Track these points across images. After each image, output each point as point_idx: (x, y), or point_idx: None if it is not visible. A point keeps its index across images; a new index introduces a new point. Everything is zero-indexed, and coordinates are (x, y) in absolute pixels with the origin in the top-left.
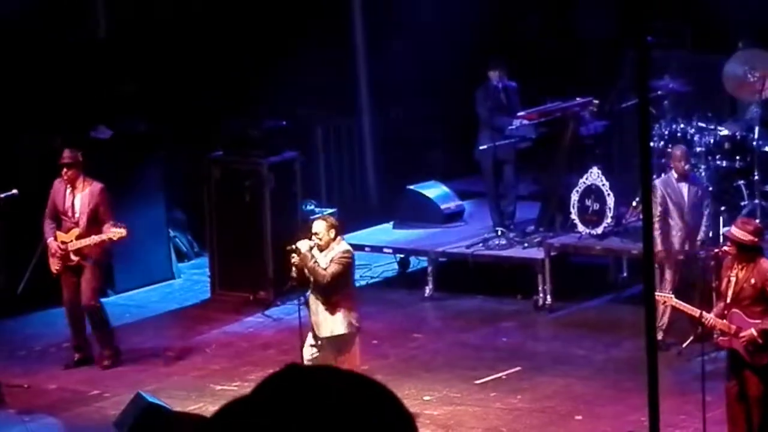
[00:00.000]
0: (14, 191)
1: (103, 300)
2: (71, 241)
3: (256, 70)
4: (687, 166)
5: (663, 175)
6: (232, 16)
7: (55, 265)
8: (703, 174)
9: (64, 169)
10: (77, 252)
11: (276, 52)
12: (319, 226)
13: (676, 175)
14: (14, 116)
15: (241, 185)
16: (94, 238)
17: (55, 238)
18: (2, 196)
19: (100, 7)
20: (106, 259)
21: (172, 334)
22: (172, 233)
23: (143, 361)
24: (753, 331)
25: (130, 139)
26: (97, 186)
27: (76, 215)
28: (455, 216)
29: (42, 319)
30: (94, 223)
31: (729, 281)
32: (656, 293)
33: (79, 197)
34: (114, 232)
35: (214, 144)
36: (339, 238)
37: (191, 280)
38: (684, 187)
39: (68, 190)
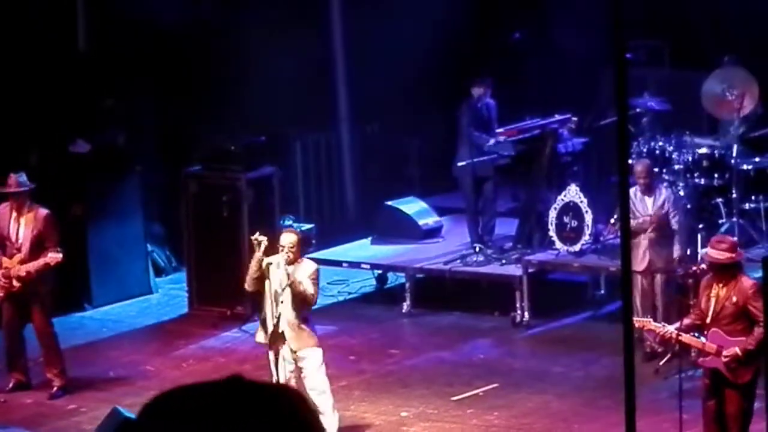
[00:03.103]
0: None
1: (79, 314)
2: (14, 266)
3: (233, 84)
4: (649, 180)
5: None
6: (210, 30)
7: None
8: (681, 192)
9: (13, 197)
10: (19, 278)
11: (254, 67)
12: (290, 239)
13: (640, 189)
14: None
15: (218, 200)
16: (33, 264)
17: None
18: None
19: (80, 21)
20: (49, 286)
21: (150, 348)
22: (149, 248)
23: (120, 376)
24: (737, 350)
25: (108, 153)
26: (42, 212)
27: (20, 241)
28: (433, 232)
29: None
30: (39, 249)
31: (709, 300)
32: (634, 318)
33: (24, 223)
34: (50, 257)
35: (192, 158)
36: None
37: (169, 294)
38: (648, 201)
39: (13, 216)
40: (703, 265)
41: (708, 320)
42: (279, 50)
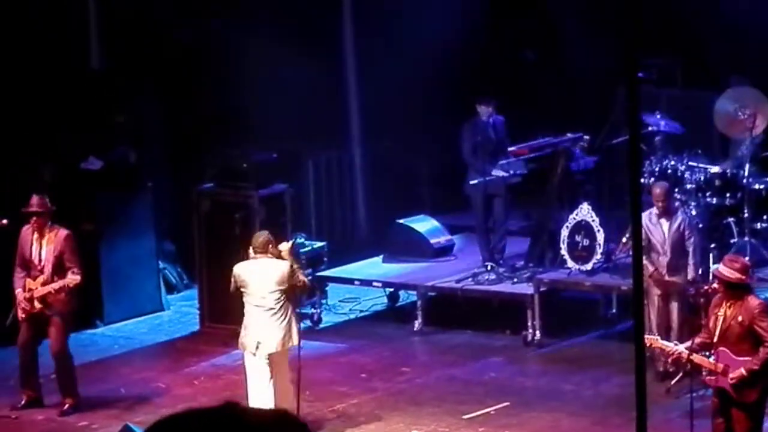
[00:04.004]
0: (4, 221)
1: (91, 331)
2: (36, 288)
3: (246, 101)
4: (667, 203)
5: (646, 210)
6: (222, 48)
7: (20, 314)
8: (693, 211)
9: (33, 217)
10: (41, 299)
11: (266, 84)
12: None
13: (657, 212)
14: (6, 146)
15: (230, 217)
16: (53, 286)
17: (24, 288)
18: None
19: (93, 39)
20: (69, 307)
21: (161, 365)
22: (161, 265)
23: (132, 393)
24: (743, 371)
25: (119, 170)
26: (63, 233)
27: (42, 263)
28: (445, 250)
29: None
30: (60, 270)
31: (717, 319)
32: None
33: (45, 245)
34: (70, 279)
35: (204, 176)
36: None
37: (180, 312)
38: (664, 224)
39: (35, 237)
40: (715, 285)
41: (715, 339)
42: (291, 68)
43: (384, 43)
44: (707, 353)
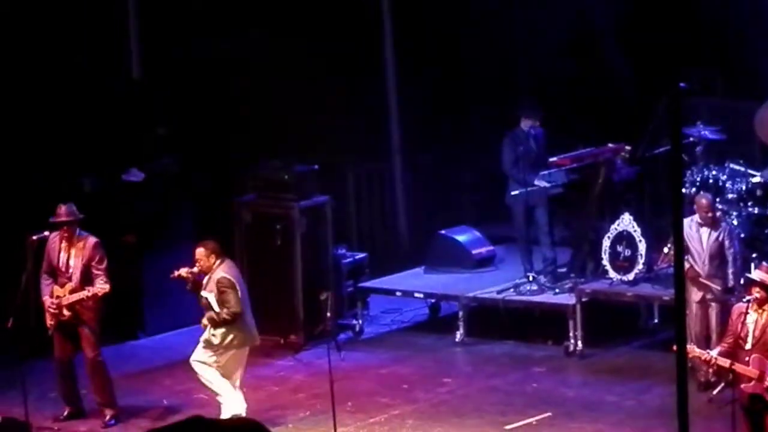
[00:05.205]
0: (46, 233)
1: (133, 343)
2: (65, 295)
3: (288, 113)
4: (710, 215)
5: (688, 217)
6: (264, 59)
7: (49, 320)
8: (734, 221)
9: (63, 226)
10: (69, 307)
11: (307, 96)
12: (198, 252)
13: (699, 221)
14: (47, 158)
15: (272, 228)
16: (83, 293)
17: (51, 295)
18: (34, 237)
19: (134, 50)
20: (97, 316)
21: None
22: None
23: (173, 405)
24: None
25: (160, 181)
26: (91, 241)
27: (70, 270)
28: (486, 261)
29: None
30: (88, 279)
31: (745, 326)
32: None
33: (73, 253)
34: (99, 288)
35: (245, 187)
36: (218, 262)
37: None
38: (705, 234)
39: (63, 246)
40: (756, 294)
41: (748, 346)
42: (332, 79)
43: (425, 54)
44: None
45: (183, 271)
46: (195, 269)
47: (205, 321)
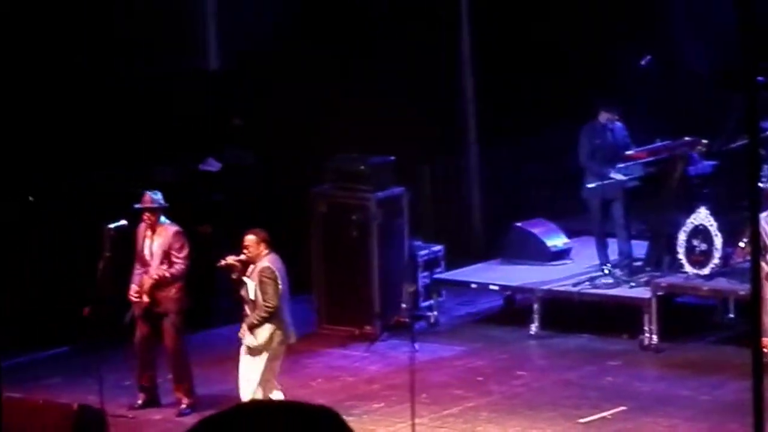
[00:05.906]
0: (123, 222)
1: (207, 331)
2: (146, 282)
3: (364, 104)
4: None
5: (765, 211)
6: (342, 53)
7: (135, 309)
8: None
9: (146, 213)
10: (149, 293)
11: (384, 87)
12: (248, 239)
13: None
14: (124, 147)
15: (347, 219)
16: (157, 272)
17: (139, 284)
18: (112, 226)
19: (211, 41)
20: (180, 305)
21: None
22: None
23: None
24: None
25: (236, 172)
26: (171, 229)
27: (153, 258)
28: (562, 254)
29: None
30: (168, 264)
31: None
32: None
33: (156, 240)
34: (176, 268)
35: (321, 178)
36: (266, 252)
37: (295, 313)
38: None
39: (147, 233)
40: None
41: None
42: (410, 71)
43: (500, 48)
44: None
45: (231, 259)
46: (242, 257)
47: (244, 327)
